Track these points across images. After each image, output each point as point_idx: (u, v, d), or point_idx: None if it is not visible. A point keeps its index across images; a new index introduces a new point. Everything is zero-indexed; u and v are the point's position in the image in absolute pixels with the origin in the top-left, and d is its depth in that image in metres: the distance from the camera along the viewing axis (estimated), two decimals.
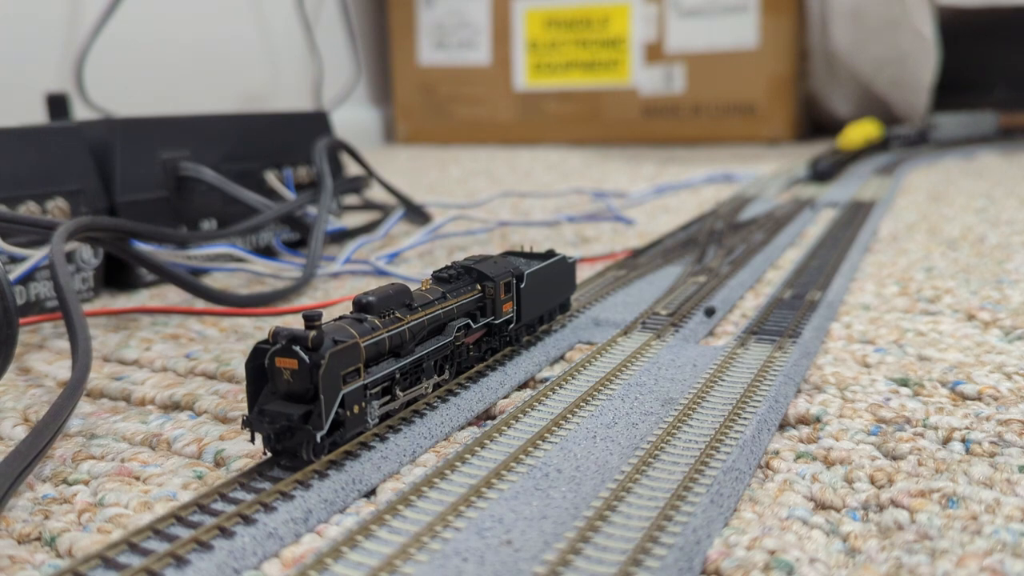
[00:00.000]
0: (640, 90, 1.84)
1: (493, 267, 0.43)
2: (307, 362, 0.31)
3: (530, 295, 0.45)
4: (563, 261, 0.48)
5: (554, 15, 1.88)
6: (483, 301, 0.42)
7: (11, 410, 0.42)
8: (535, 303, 0.46)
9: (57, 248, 0.49)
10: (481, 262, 0.43)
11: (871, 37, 1.67)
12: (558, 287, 0.48)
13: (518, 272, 0.44)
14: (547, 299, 0.47)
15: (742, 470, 0.33)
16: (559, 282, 0.48)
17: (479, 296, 0.42)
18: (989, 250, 0.72)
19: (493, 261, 0.43)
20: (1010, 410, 0.38)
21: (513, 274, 0.44)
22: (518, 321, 0.44)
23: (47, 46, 1.23)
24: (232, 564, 0.27)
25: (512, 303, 0.44)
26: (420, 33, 1.97)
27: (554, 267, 0.47)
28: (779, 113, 1.78)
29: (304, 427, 0.31)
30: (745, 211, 0.90)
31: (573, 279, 0.50)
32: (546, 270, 0.46)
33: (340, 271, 0.69)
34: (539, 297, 0.46)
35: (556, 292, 0.48)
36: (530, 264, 0.46)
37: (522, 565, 0.27)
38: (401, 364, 0.36)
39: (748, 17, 1.76)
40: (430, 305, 0.38)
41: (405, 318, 0.36)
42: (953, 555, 0.28)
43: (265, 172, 0.79)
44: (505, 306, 0.43)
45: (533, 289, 0.45)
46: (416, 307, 0.37)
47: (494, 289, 0.42)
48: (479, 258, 0.44)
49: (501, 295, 0.42)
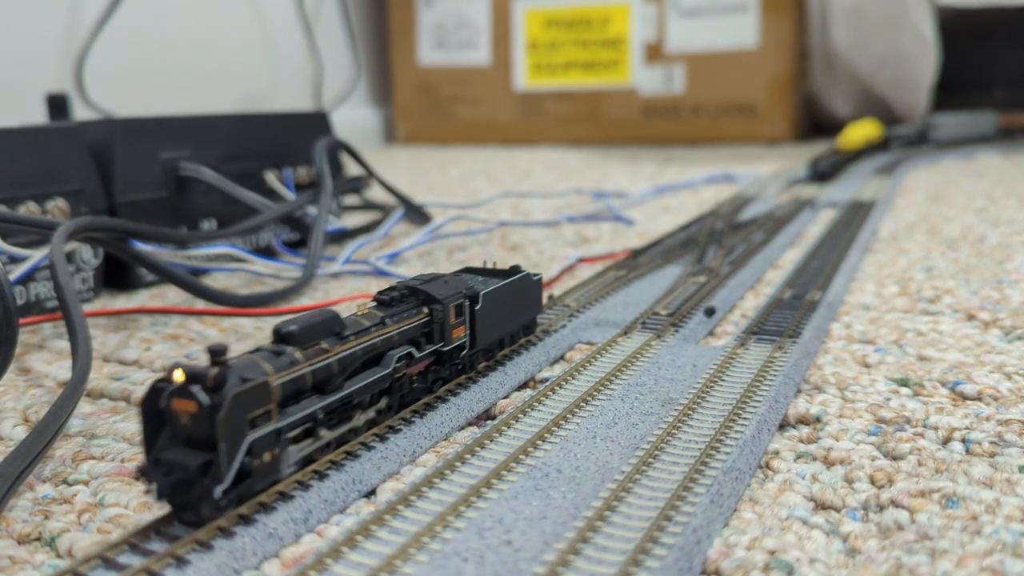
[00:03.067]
0: (640, 90, 1.84)
1: (442, 288, 0.39)
2: (205, 405, 0.27)
3: (487, 317, 0.41)
4: (527, 279, 0.45)
5: (554, 15, 1.88)
6: (430, 326, 0.38)
7: (11, 410, 0.42)
8: (493, 326, 0.42)
9: (57, 248, 0.49)
10: (430, 282, 0.39)
11: (871, 37, 1.67)
12: (521, 307, 0.45)
13: (472, 292, 0.40)
14: (508, 321, 0.44)
15: (742, 470, 0.33)
16: (522, 302, 0.45)
17: (425, 320, 0.38)
18: (989, 250, 0.72)
19: (444, 281, 0.40)
20: (1010, 410, 0.38)
21: (466, 295, 0.40)
22: (472, 347, 0.41)
23: (47, 46, 1.23)
24: (232, 564, 0.27)
25: (465, 327, 0.40)
26: (420, 33, 1.97)
27: (516, 285, 0.44)
28: (779, 113, 1.77)
29: (202, 480, 0.27)
30: (745, 211, 0.90)
31: (539, 298, 0.47)
32: (506, 289, 0.43)
33: (340, 271, 0.69)
34: (498, 319, 0.42)
35: (518, 313, 0.45)
36: (488, 283, 0.42)
37: (522, 565, 0.27)
38: (326, 402, 0.32)
39: (748, 17, 1.76)
40: (364, 333, 0.34)
41: (332, 349, 0.32)
42: (953, 555, 0.28)
43: (265, 172, 0.79)
44: (456, 331, 0.39)
45: (490, 310, 0.41)
46: (347, 336, 0.34)
47: (442, 312, 0.38)
48: (428, 277, 0.40)
49: (451, 319, 0.39)
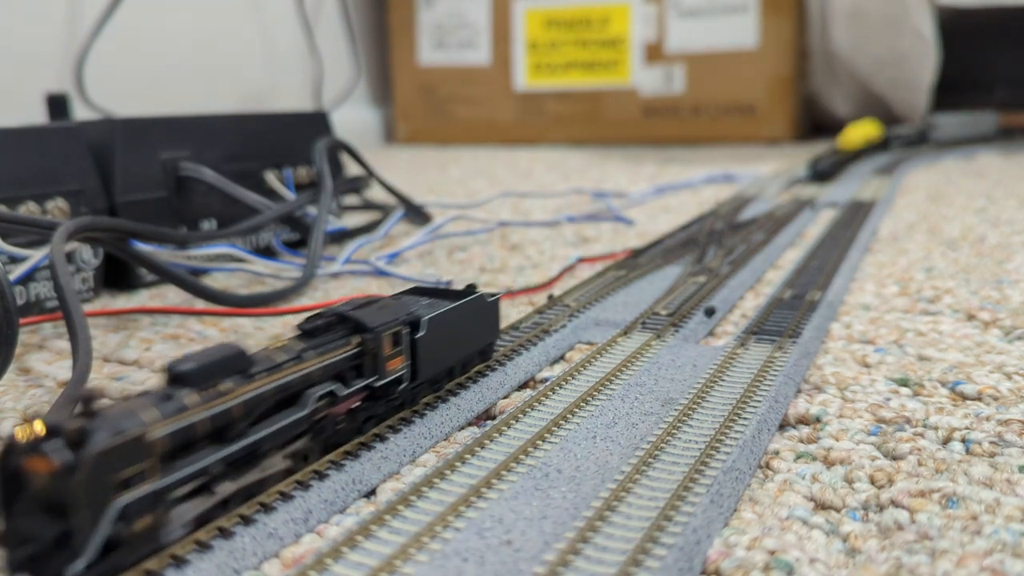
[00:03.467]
0: (640, 90, 1.84)
1: (377, 314, 0.35)
2: (61, 465, 0.23)
3: (432, 345, 0.37)
4: (480, 300, 0.41)
5: (554, 15, 1.88)
6: (360, 358, 0.34)
7: (11, 410, 0.42)
8: (440, 354, 0.38)
9: (57, 248, 0.49)
10: (364, 307, 0.35)
11: (871, 37, 1.67)
12: (474, 332, 0.41)
13: (413, 318, 0.36)
14: (458, 348, 0.40)
15: (742, 470, 0.33)
16: (475, 326, 0.41)
17: (355, 352, 0.34)
18: (989, 250, 0.72)
19: (380, 306, 0.36)
20: (1010, 410, 0.38)
21: (405, 322, 0.36)
22: (414, 379, 0.37)
23: (47, 46, 1.23)
24: (232, 564, 0.27)
25: (404, 358, 0.36)
26: (420, 33, 1.97)
27: (467, 308, 0.40)
28: (779, 113, 1.77)
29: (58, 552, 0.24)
30: (745, 211, 0.90)
31: (495, 321, 0.43)
32: (455, 313, 0.39)
33: (340, 271, 0.69)
34: (446, 347, 0.39)
35: (471, 338, 0.41)
36: (434, 306, 0.38)
37: (522, 565, 0.27)
38: (226, 452, 0.28)
39: (748, 17, 1.76)
40: (276, 370, 0.30)
41: (235, 390, 0.28)
42: (953, 555, 0.28)
43: (265, 172, 0.79)
44: (392, 362, 0.35)
45: (436, 338, 0.37)
46: (255, 374, 0.29)
47: (375, 342, 0.34)
48: (363, 302, 0.36)
49: (386, 349, 0.35)
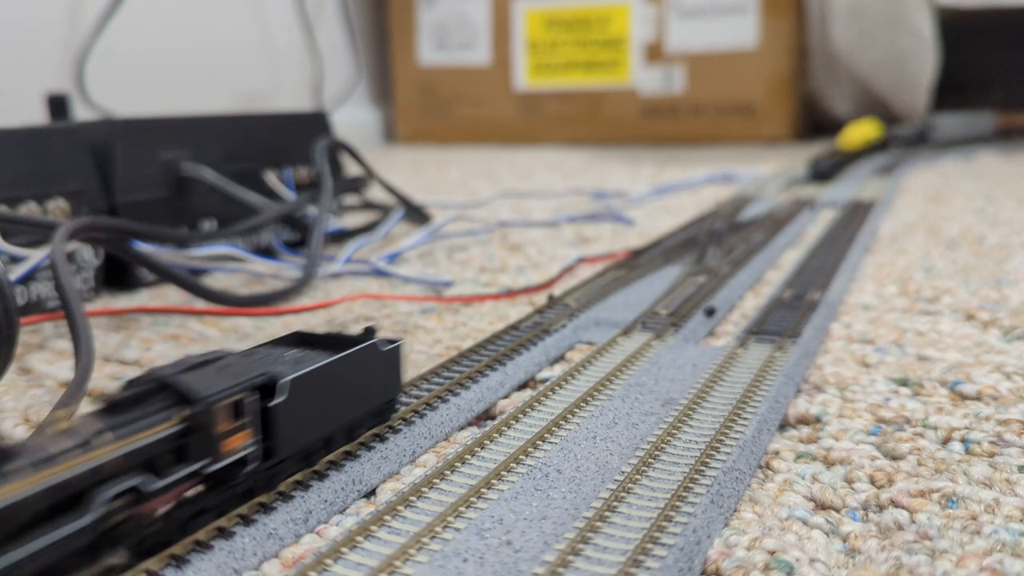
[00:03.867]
0: (640, 90, 1.85)
1: (213, 377, 0.27)
2: None
3: (297, 413, 0.30)
4: (373, 350, 0.34)
5: (554, 15, 1.88)
6: (185, 438, 0.26)
7: (12, 410, 0.42)
8: (310, 423, 0.31)
9: (58, 248, 0.49)
10: (200, 368, 0.28)
11: (870, 37, 1.67)
12: (364, 389, 0.34)
13: (267, 381, 0.29)
14: (340, 411, 0.32)
15: (742, 470, 0.33)
16: (366, 381, 0.34)
17: (177, 431, 0.26)
18: (988, 250, 0.72)
19: (222, 365, 0.28)
20: (1009, 410, 0.38)
21: (252, 386, 0.28)
22: (271, 457, 0.29)
23: (48, 47, 1.23)
24: (232, 564, 0.27)
25: (252, 432, 0.28)
26: (420, 33, 1.97)
27: (352, 362, 0.32)
28: (779, 113, 1.78)
29: None
30: (745, 211, 0.90)
31: (396, 373, 0.35)
32: (333, 369, 0.31)
33: (340, 271, 0.69)
34: (320, 412, 0.31)
35: (360, 397, 0.33)
36: (302, 362, 0.31)
37: (522, 566, 0.27)
38: None
39: (748, 17, 1.76)
40: (47, 464, 0.23)
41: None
42: (953, 555, 0.28)
43: (265, 172, 0.79)
44: (231, 441, 0.27)
45: (303, 403, 0.30)
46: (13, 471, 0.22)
47: (205, 417, 0.26)
48: (202, 360, 0.28)
49: (221, 425, 0.27)
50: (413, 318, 0.56)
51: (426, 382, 0.41)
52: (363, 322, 0.55)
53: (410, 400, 0.39)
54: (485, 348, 0.46)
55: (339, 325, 0.35)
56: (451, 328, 0.53)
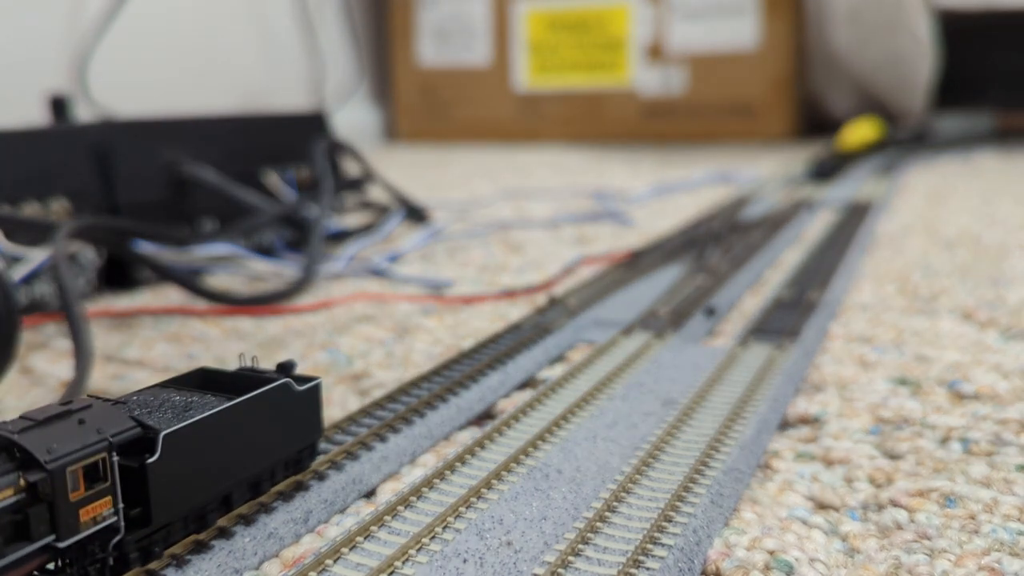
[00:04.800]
0: (640, 91, 1.85)
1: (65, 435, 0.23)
2: None
3: (182, 470, 0.26)
4: (284, 390, 0.30)
5: (554, 16, 1.89)
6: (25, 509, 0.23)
7: (13, 410, 0.42)
8: (201, 480, 0.27)
9: (60, 248, 0.49)
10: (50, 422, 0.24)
11: (869, 39, 1.67)
12: (273, 435, 0.29)
13: (137, 436, 0.25)
14: (240, 463, 0.28)
15: (742, 470, 0.33)
16: (278, 427, 0.30)
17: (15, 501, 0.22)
18: (986, 250, 0.72)
19: (81, 418, 0.24)
20: (1007, 409, 0.38)
21: (117, 444, 0.24)
22: (145, 525, 0.25)
23: (51, 47, 1.23)
24: (232, 564, 0.28)
25: (113, 498, 0.24)
26: (420, 33, 1.97)
27: (254, 406, 0.28)
28: (778, 113, 1.78)
29: None
30: (745, 211, 0.90)
31: (314, 415, 0.31)
32: (228, 417, 0.27)
33: (341, 271, 0.69)
34: (213, 467, 0.27)
35: (266, 447, 0.29)
36: (190, 410, 0.27)
37: (522, 566, 0.27)
38: None
39: (747, 18, 1.76)
40: None
41: None
42: (951, 554, 0.28)
43: (265, 172, 0.79)
44: (89, 509, 0.24)
45: (189, 457, 0.26)
46: None
47: (52, 484, 0.23)
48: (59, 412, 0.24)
49: (75, 491, 0.23)
50: (413, 318, 0.56)
51: (426, 382, 0.41)
52: (363, 322, 0.55)
53: (410, 400, 0.39)
54: (485, 348, 0.46)
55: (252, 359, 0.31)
56: (451, 328, 0.54)
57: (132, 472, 0.25)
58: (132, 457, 0.25)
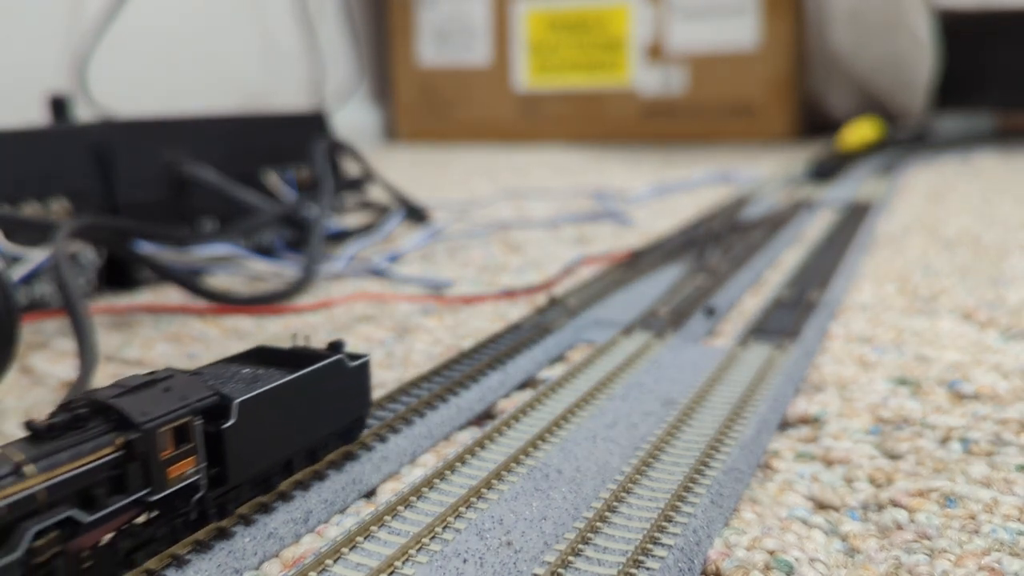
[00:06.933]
0: (640, 91, 1.85)
1: (155, 400, 0.26)
2: None
3: (251, 436, 0.28)
4: (338, 366, 0.32)
5: (554, 16, 1.89)
6: (125, 465, 0.25)
7: (13, 410, 0.42)
8: (267, 446, 0.29)
9: (61, 248, 0.49)
10: (141, 390, 0.26)
11: (869, 39, 1.67)
12: (329, 408, 0.32)
13: (216, 402, 0.28)
14: (301, 433, 0.31)
15: (742, 470, 0.33)
16: (331, 400, 0.32)
17: (115, 458, 0.25)
18: (986, 250, 0.72)
19: (167, 387, 0.27)
20: (1007, 409, 0.38)
21: (199, 409, 0.27)
22: (222, 484, 0.28)
23: (51, 47, 1.23)
24: (232, 564, 0.28)
25: (197, 458, 0.27)
26: (420, 33, 1.97)
27: (314, 380, 0.31)
28: (779, 113, 1.78)
29: None
30: (745, 211, 0.90)
31: (363, 389, 0.34)
32: (292, 387, 0.30)
33: (341, 271, 0.69)
34: (277, 435, 0.30)
35: (324, 417, 0.32)
36: (258, 381, 0.30)
37: (522, 566, 0.27)
38: None
39: (748, 18, 1.76)
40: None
41: None
42: (952, 554, 0.28)
43: (265, 172, 0.79)
44: (177, 467, 0.26)
45: (258, 425, 0.29)
46: None
47: (145, 443, 0.25)
48: (146, 380, 0.27)
49: (165, 450, 0.26)
50: (413, 318, 0.56)
51: (426, 382, 0.41)
52: (363, 322, 0.55)
53: (410, 400, 0.39)
54: (485, 348, 0.46)
55: (304, 338, 0.34)
56: (451, 328, 0.54)
57: (210, 436, 0.27)
58: (210, 422, 0.27)
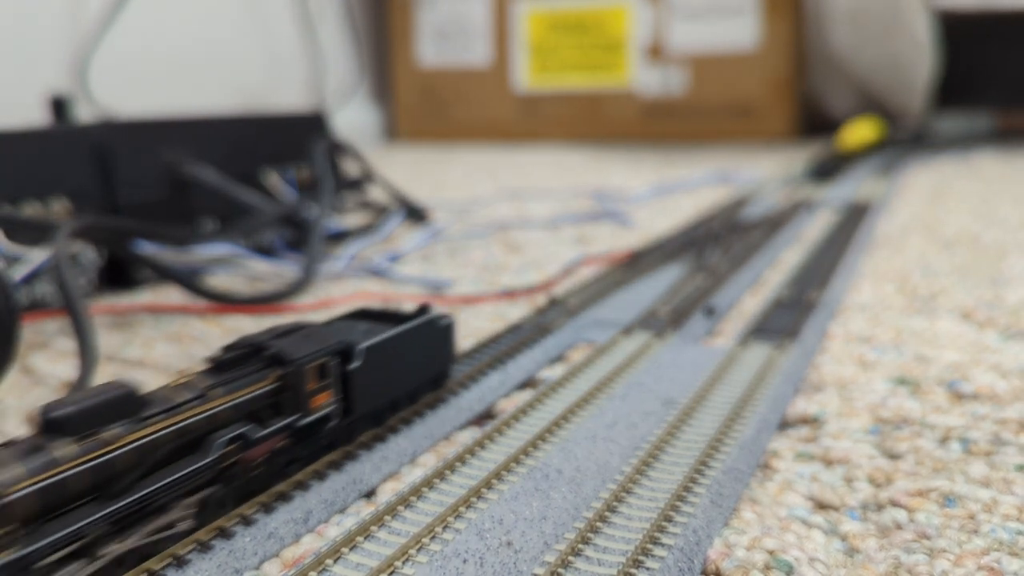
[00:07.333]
0: (640, 91, 1.85)
1: (300, 344, 0.32)
2: None
3: (369, 377, 0.34)
4: (431, 324, 0.38)
5: (554, 17, 1.89)
6: (280, 395, 0.31)
7: (14, 410, 0.42)
8: (380, 387, 0.35)
9: (61, 248, 0.50)
10: (287, 336, 0.32)
11: (868, 39, 1.67)
12: (423, 358, 0.38)
13: (345, 347, 0.33)
14: (404, 378, 0.37)
15: (742, 470, 0.33)
16: (424, 352, 0.38)
17: (273, 388, 0.31)
18: (985, 250, 0.72)
19: (307, 334, 0.33)
20: (1006, 409, 0.38)
21: (334, 352, 0.33)
22: (350, 414, 0.34)
23: (51, 47, 1.23)
24: (232, 564, 0.28)
25: (333, 392, 0.32)
26: (420, 33, 1.97)
27: (414, 333, 0.37)
28: (778, 113, 1.78)
29: None
30: (745, 211, 0.90)
31: (449, 345, 0.40)
32: (399, 339, 0.36)
33: (341, 271, 0.69)
34: (388, 377, 0.35)
35: (420, 366, 0.38)
36: (372, 333, 0.35)
37: (522, 566, 0.27)
38: (108, 510, 0.25)
39: (747, 19, 1.76)
40: (174, 412, 0.27)
41: (120, 438, 0.25)
42: (951, 554, 0.28)
43: (265, 172, 0.79)
44: (318, 398, 0.32)
45: (375, 368, 0.34)
46: (147, 418, 0.26)
47: (296, 377, 0.31)
48: (288, 328, 0.33)
49: (310, 384, 0.31)
50: None
51: None
52: None
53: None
54: (485, 348, 0.46)
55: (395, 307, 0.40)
56: None
57: (340, 375, 0.33)
58: (339, 364, 0.33)
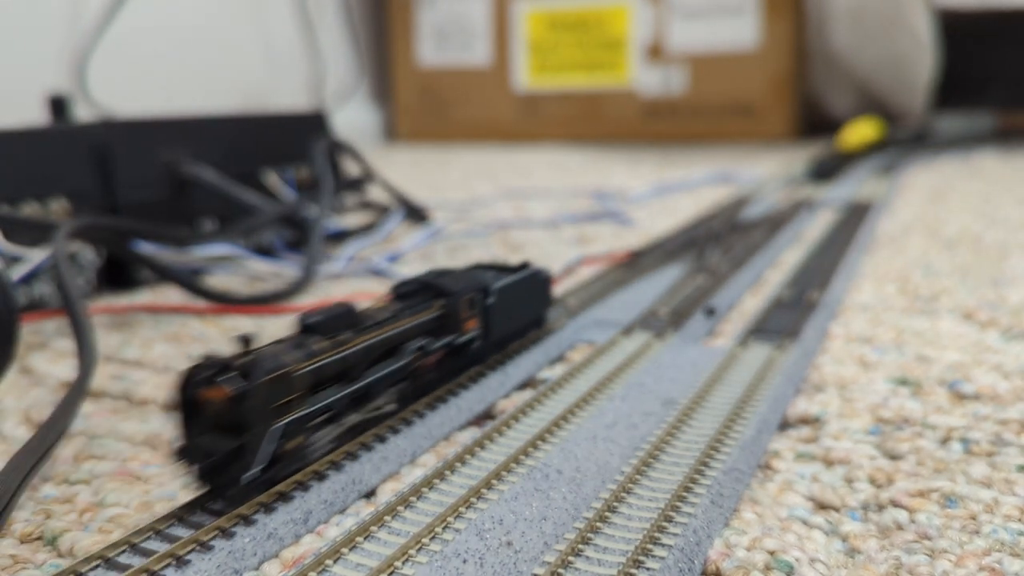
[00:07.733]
0: (640, 91, 1.85)
1: (455, 282, 0.40)
2: (234, 394, 0.28)
3: (499, 311, 0.42)
4: (537, 275, 0.47)
5: (554, 16, 1.89)
6: (444, 319, 0.39)
7: (13, 410, 0.42)
8: (505, 320, 0.43)
9: (60, 248, 0.49)
10: (443, 276, 0.41)
11: (869, 39, 1.67)
12: (531, 302, 0.47)
13: (484, 286, 0.42)
14: (519, 315, 0.45)
15: (742, 470, 0.33)
16: (532, 297, 0.47)
17: (439, 314, 0.39)
18: (986, 250, 0.72)
19: (456, 276, 0.41)
20: (1008, 410, 0.38)
21: (479, 289, 0.41)
22: (486, 339, 0.42)
23: (50, 46, 1.23)
24: (232, 564, 0.28)
25: (476, 320, 0.41)
26: (420, 33, 1.97)
27: (526, 281, 0.45)
28: (779, 113, 1.78)
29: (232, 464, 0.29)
30: (745, 211, 0.90)
31: (548, 294, 0.48)
32: (517, 285, 0.44)
33: (340, 271, 0.69)
34: (510, 313, 0.44)
35: (529, 308, 0.46)
36: (499, 278, 0.43)
37: (522, 567, 0.27)
38: (349, 390, 0.33)
39: (747, 18, 1.76)
40: (382, 324, 0.36)
41: (354, 340, 0.34)
42: (952, 554, 0.28)
43: (265, 172, 0.79)
44: (468, 324, 0.40)
45: (503, 305, 0.43)
46: (367, 327, 0.35)
47: (455, 306, 0.39)
48: (440, 272, 0.41)
49: (463, 312, 0.40)
50: None
51: None
52: None
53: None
54: None
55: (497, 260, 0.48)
56: None
57: (482, 307, 0.41)
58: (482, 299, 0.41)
